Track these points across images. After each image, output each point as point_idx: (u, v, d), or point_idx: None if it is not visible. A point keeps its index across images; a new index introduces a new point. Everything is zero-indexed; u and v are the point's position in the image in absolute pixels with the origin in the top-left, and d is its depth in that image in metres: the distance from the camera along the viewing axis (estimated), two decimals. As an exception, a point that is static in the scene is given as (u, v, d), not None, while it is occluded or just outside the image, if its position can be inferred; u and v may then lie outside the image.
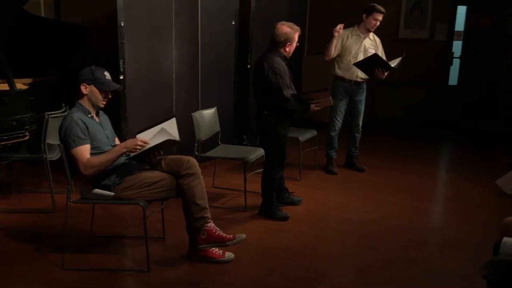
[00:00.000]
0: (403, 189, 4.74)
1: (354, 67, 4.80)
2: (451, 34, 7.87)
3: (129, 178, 2.94)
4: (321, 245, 3.46)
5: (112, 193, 2.92)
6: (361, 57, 4.84)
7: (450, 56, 8.02)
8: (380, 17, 4.79)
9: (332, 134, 5.14)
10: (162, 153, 3.00)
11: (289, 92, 3.66)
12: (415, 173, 5.26)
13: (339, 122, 5.10)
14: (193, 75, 5.00)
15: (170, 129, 2.96)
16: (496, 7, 7.88)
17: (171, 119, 3.08)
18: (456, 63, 8.14)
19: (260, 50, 5.58)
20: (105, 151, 2.95)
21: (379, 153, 6.01)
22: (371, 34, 4.94)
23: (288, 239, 3.53)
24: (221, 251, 3.09)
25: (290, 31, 3.66)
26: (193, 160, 3.01)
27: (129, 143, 2.87)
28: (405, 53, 4.81)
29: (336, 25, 4.74)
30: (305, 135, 4.96)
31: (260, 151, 4.22)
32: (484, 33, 7.99)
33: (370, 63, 4.68)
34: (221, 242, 2.99)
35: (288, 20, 3.85)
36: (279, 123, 3.77)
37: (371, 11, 4.77)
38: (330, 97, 3.85)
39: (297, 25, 3.78)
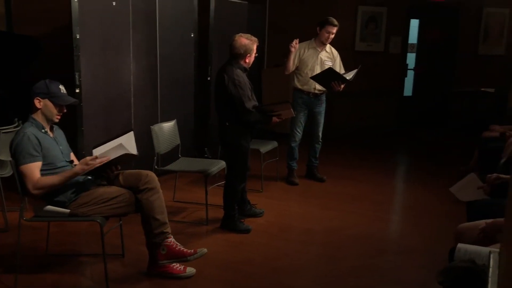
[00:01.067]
0: (362, 198, 4.83)
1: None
2: (405, 46, 8.14)
3: (85, 194, 2.86)
4: (282, 256, 3.47)
5: (68, 210, 2.83)
6: (318, 69, 4.92)
7: (405, 68, 8.29)
8: (333, 30, 4.87)
9: (293, 145, 5.18)
10: (119, 168, 2.94)
11: (250, 103, 3.67)
12: (373, 182, 5.37)
13: (299, 133, 5.15)
14: (152, 87, 4.94)
15: (127, 143, 2.90)
16: (447, 21, 8.22)
17: (129, 133, 3.03)
18: (410, 74, 8.41)
19: (220, 62, 5.58)
20: (59, 167, 2.87)
21: (338, 163, 6.10)
22: (328, 47, 5.04)
23: (250, 252, 3.52)
24: (182, 267, 3.04)
25: (248, 43, 3.69)
26: (151, 174, 2.96)
27: (79, 168, 2.78)
28: (360, 65, 4.93)
29: (292, 40, 4.81)
30: (266, 147, 4.98)
31: (221, 163, 4.21)
32: (436, 45, 8.31)
33: (326, 77, 4.76)
34: (181, 257, 2.94)
35: (247, 32, 3.89)
36: (240, 135, 3.77)
37: (323, 24, 4.88)
38: (291, 109, 3.89)
39: (256, 37, 3.82)
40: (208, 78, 5.72)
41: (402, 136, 7.93)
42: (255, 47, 3.74)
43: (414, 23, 8.24)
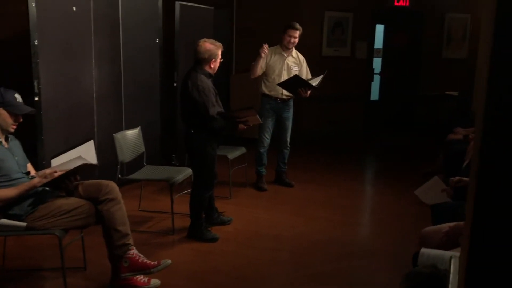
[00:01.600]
0: (330, 202, 4.83)
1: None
2: (371, 51, 8.25)
3: (42, 207, 2.75)
4: (250, 264, 3.42)
5: (25, 224, 2.71)
6: (284, 75, 4.92)
7: (371, 72, 8.39)
8: (295, 34, 4.86)
9: (261, 150, 5.16)
10: (79, 178, 2.84)
11: (215, 110, 3.62)
12: (341, 187, 5.39)
13: (267, 138, 5.13)
14: (115, 94, 4.83)
15: (87, 152, 2.82)
16: (411, 26, 8.38)
17: (89, 142, 2.94)
18: (376, 79, 8.52)
19: (187, 68, 5.50)
20: (14, 179, 2.76)
21: (307, 168, 6.11)
22: (294, 52, 5.04)
23: (217, 261, 3.46)
24: (146, 279, 2.96)
25: (213, 48, 3.64)
26: (112, 184, 2.87)
27: (37, 180, 2.68)
28: (326, 70, 4.95)
29: (260, 45, 4.79)
30: (234, 153, 4.93)
31: (188, 171, 4.14)
32: (401, 50, 8.45)
33: (292, 83, 4.76)
34: (145, 270, 2.85)
35: (214, 37, 3.84)
36: (206, 142, 3.72)
37: (285, 28, 4.89)
38: (257, 116, 3.85)
39: (224, 42, 3.78)
40: (175, 84, 5.64)
41: (369, 140, 8.01)
42: (220, 52, 3.69)
43: (380, 28, 8.36)
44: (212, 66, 3.68)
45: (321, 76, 4.88)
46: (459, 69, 8.26)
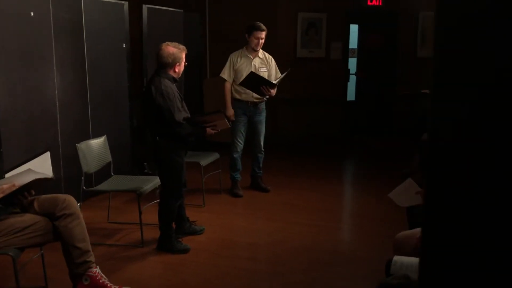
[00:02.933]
0: (307, 207, 4.72)
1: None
2: (346, 52, 8.18)
3: (-6, 225, 2.56)
4: (222, 276, 3.28)
5: (-25, 244, 2.52)
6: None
7: (347, 73, 8.33)
8: (261, 35, 4.76)
9: (235, 156, 5.02)
10: (33, 193, 2.66)
11: (181, 115, 3.48)
12: (318, 190, 5.28)
13: (240, 143, 5.00)
14: (81, 102, 4.64)
15: (42, 165, 2.65)
16: (386, 25, 8.34)
17: (45, 154, 2.77)
18: (352, 79, 8.46)
19: (156, 73, 5.38)
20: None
21: (283, 172, 5.99)
22: (261, 53, 4.93)
23: (188, 274, 3.31)
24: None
25: (176, 51, 3.51)
26: (69, 199, 2.70)
27: None
28: (289, 68, 4.90)
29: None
30: (207, 159, 4.79)
31: (157, 180, 3.98)
32: (376, 50, 8.41)
33: (252, 81, 4.66)
34: (104, 292, 2.68)
35: (185, 42, 3.71)
36: (172, 150, 3.56)
37: (251, 30, 4.78)
38: (225, 119, 3.71)
39: (195, 46, 3.65)
40: (144, 90, 5.47)
41: (346, 142, 7.94)
42: (183, 56, 3.56)
43: (354, 28, 8.30)
44: (176, 70, 3.55)
45: (283, 74, 4.80)
46: (434, 68, 8.25)
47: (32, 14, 3.96)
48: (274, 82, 4.71)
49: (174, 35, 5.78)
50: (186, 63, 3.63)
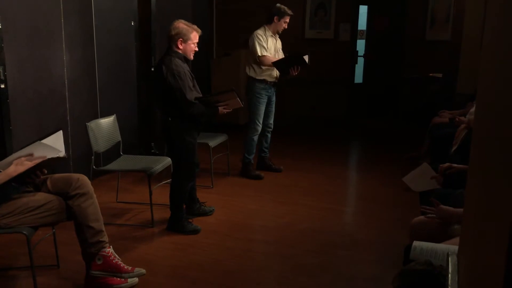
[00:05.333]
0: (315, 190, 4.70)
1: (272, 68, 4.76)
2: (354, 33, 8.08)
3: (7, 204, 2.54)
4: (233, 257, 3.28)
5: (-12, 222, 2.51)
6: (276, 58, 4.79)
7: (355, 55, 8.23)
8: (288, 20, 4.81)
9: (255, 138, 4.97)
10: (46, 172, 2.63)
11: (192, 94, 3.43)
12: (325, 173, 5.26)
13: (260, 125, 4.95)
14: (89, 81, 4.59)
15: (55, 143, 2.61)
16: (395, 7, 8.22)
17: (57, 132, 2.72)
18: (360, 61, 8.37)
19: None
20: (-22, 174, 2.54)
21: (290, 154, 5.97)
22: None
23: (199, 255, 3.30)
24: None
25: (184, 27, 3.43)
26: (83, 178, 2.67)
27: (12, 169, 2.46)
28: (309, 51, 4.85)
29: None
30: (216, 140, 4.75)
31: (167, 160, 3.96)
32: (384, 32, 8.30)
33: (290, 62, 4.69)
34: (117, 272, 2.67)
35: (192, 20, 3.65)
36: (184, 130, 3.53)
37: (282, 15, 4.73)
38: (238, 99, 3.65)
39: (203, 24, 3.58)
40: (152, 69, 5.42)
41: (353, 124, 7.89)
42: (192, 36, 3.46)
43: (363, 10, 8.18)
44: (181, 47, 3.45)
45: (307, 55, 4.77)
46: (443, 51, 8.14)
47: (41, -10, 3.89)
48: (308, 63, 4.71)
49: (182, 14, 5.69)
50: (196, 49, 3.53)
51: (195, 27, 3.49)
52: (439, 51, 8.23)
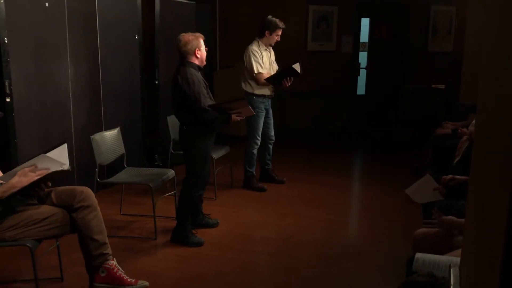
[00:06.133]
0: (317, 201, 4.70)
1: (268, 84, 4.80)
2: (356, 45, 8.13)
3: (12, 216, 2.56)
4: (236, 269, 3.28)
5: (-7, 235, 2.52)
6: (271, 72, 4.82)
7: (357, 66, 8.27)
8: (280, 32, 4.80)
9: (254, 151, 4.99)
10: (50, 185, 2.66)
11: (206, 101, 3.52)
12: (328, 184, 5.26)
13: (260, 139, 4.97)
14: (94, 93, 4.63)
15: (59, 156, 2.63)
16: (397, 19, 8.28)
17: (62, 145, 2.75)
18: (363, 73, 8.41)
19: (168, 65, 5.36)
20: (-17, 187, 2.56)
21: (292, 165, 5.97)
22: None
23: (202, 267, 3.31)
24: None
25: (192, 38, 3.56)
26: (87, 191, 2.69)
27: (16, 180, 2.48)
28: (299, 58, 4.88)
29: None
30: (219, 152, 4.77)
31: (170, 172, 3.99)
32: (386, 43, 8.35)
33: (281, 75, 4.71)
34: (120, 285, 2.68)
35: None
36: (198, 137, 3.60)
37: (273, 28, 4.72)
38: (249, 107, 3.74)
39: (207, 37, 3.73)
40: (156, 82, 5.46)
41: (355, 136, 7.91)
42: (201, 41, 3.59)
43: (365, 22, 8.24)
44: (198, 55, 3.57)
45: (298, 63, 4.76)
46: (445, 62, 8.18)
47: (47, 5, 3.95)
48: (300, 72, 4.71)
49: (186, 27, 5.72)
50: (207, 49, 3.66)
51: (198, 34, 3.64)
52: (441, 62, 8.28)
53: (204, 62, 3.66)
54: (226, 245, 3.68)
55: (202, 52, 3.60)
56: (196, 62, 3.59)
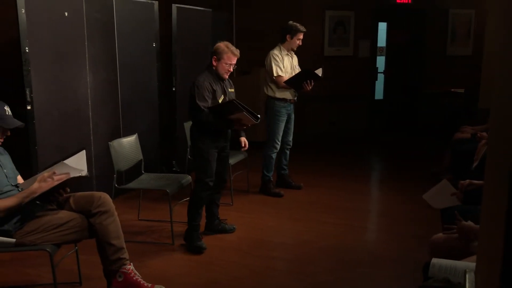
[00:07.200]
0: (334, 206, 4.68)
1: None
2: (374, 50, 8.09)
3: (32, 222, 2.61)
4: (253, 275, 3.28)
5: (14, 240, 2.58)
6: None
7: (374, 71, 8.23)
8: (302, 36, 4.83)
9: (273, 155, 5.00)
10: (68, 190, 2.71)
11: (204, 103, 3.51)
12: (345, 189, 5.23)
13: (279, 143, 4.98)
14: (112, 101, 4.71)
15: (77, 163, 2.69)
16: (414, 23, 8.21)
17: (80, 152, 2.81)
18: (380, 78, 8.36)
19: (185, 72, 5.42)
20: (4, 192, 2.63)
21: (309, 170, 5.96)
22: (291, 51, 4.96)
23: (218, 272, 3.32)
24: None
25: (221, 47, 3.58)
26: (105, 196, 2.74)
27: (36, 186, 2.55)
28: (322, 65, 4.93)
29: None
30: (236, 158, 4.79)
31: (187, 178, 4.02)
32: (404, 48, 8.28)
33: (301, 78, 4.73)
34: (136, 290, 2.71)
35: (214, 40, 3.79)
36: (198, 137, 3.63)
37: (294, 32, 4.77)
38: (246, 114, 3.53)
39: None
40: (173, 89, 5.52)
41: (373, 140, 7.85)
42: (226, 56, 3.55)
43: (382, 26, 8.20)
44: (214, 63, 3.59)
45: (320, 69, 4.83)
46: (464, 66, 8.08)
47: (66, 14, 4.04)
48: (320, 75, 4.74)
49: (203, 34, 5.81)
50: (231, 70, 3.61)
51: (233, 49, 3.58)
52: (460, 66, 8.17)
53: (221, 75, 3.62)
54: (243, 250, 3.69)
55: (219, 64, 3.57)
56: (214, 68, 3.61)
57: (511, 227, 0.81)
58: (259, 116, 3.62)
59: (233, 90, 3.83)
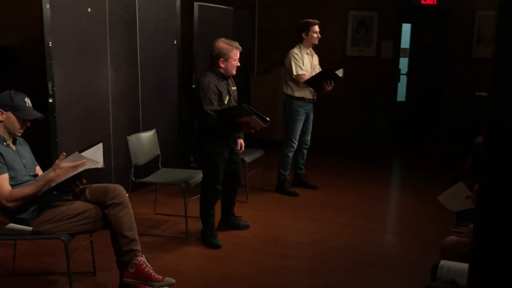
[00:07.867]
0: (350, 208, 4.65)
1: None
2: (397, 51, 7.99)
3: (48, 211, 2.68)
4: (265, 272, 3.29)
5: (30, 228, 2.65)
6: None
7: (397, 72, 8.13)
8: (318, 28, 4.80)
9: (290, 155, 5.00)
10: (84, 182, 2.77)
11: (211, 107, 3.45)
12: (363, 191, 5.19)
13: (297, 142, 4.98)
14: (132, 96, 4.78)
15: (94, 155, 2.74)
16: (439, 25, 8.09)
17: (97, 145, 2.86)
18: (403, 79, 8.26)
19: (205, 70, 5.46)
20: (23, 182, 2.71)
21: (326, 171, 5.93)
22: (311, 50, 4.93)
23: (231, 268, 3.34)
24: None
25: (225, 46, 3.53)
26: (119, 188, 2.79)
27: (52, 174, 2.62)
28: (343, 65, 4.90)
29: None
30: (252, 156, 4.81)
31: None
32: (428, 49, 8.16)
33: (320, 78, 4.72)
34: (148, 281, 2.74)
35: (235, 39, 3.71)
36: (204, 140, 3.61)
37: (308, 27, 4.77)
38: (257, 120, 3.45)
39: (244, 43, 3.63)
40: (193, 86, 5.56)
41: (394, 142, 7.76)
42: (232, 54, 3.53)
43: (406, 27, 8.10)
44: (221, 65, 3.55)
45: (341, 69, 4.80)
46: (490, 69, 7.91)
47: (89, 10, 4.12)
48: (341, 76, 4.72)
49: (224, 32, 5.82)
50: (238, 64, 3.59)
51: (236, 44, 3.57)
52: (486, 69, 8.00)
53: (231, 73, 3.59)
54: (256, 248, 3.70)
55: (229, 64, 3.53)
56: (221, 70, 3.57)
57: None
58: (268, 119, 3.53)
59: (235, 88, 3.76)
